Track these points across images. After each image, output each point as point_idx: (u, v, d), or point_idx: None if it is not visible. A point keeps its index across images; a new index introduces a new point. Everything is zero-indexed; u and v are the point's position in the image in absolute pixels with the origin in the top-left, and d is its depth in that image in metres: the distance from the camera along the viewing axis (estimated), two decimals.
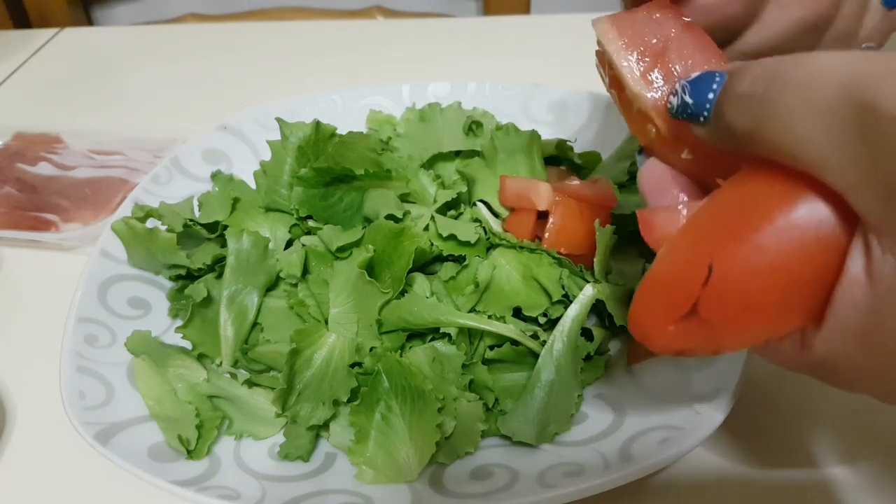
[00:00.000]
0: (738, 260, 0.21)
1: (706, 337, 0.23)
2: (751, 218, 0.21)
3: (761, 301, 0.21)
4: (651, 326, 0.24)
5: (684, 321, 0.23)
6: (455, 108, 0.54)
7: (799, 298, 0.21)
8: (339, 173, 0.43)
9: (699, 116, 0.24)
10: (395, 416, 0.35)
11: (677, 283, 0.23)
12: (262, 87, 0.75)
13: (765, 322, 0.22)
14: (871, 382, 0.22)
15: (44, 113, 0.74)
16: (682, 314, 0.22)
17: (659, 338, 0.24)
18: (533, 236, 0.43)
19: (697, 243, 0.23)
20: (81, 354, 0.38)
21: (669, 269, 0.24)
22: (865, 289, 0.20)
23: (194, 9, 1.14)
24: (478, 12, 1.13)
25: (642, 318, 0.25)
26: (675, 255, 0.24)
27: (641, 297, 0.25)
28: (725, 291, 0.22)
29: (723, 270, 0.21)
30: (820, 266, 0.21)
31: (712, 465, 0.37)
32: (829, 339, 0.21)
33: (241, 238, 0.42)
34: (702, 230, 0.24)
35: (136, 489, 0.37)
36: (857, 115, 0.18)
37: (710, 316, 0.22)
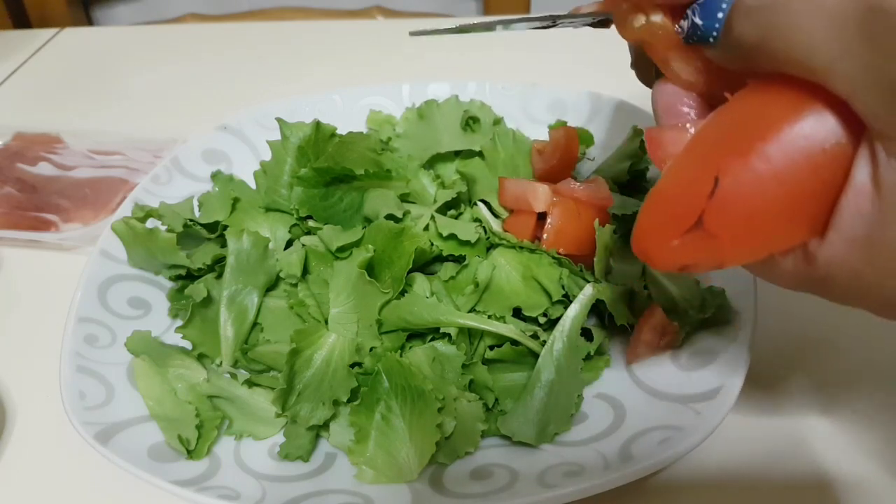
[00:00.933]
0: (744, 171, 0.21)
1: (710, 250, 0.23)
2: (757, 129, 0.21)
3: (767, 212, 0.21)
4: (655, 241, 0.24)
5: (689, 234, 0.22)
6: (452, 102, 0.54)
7: (804, 209, 0.21)
8: (340, 173, 0.43)
9: (709, 37, 0.24)
10: (395, 416, 0.35)
11: (683, 195, 0.23)
12: (262, 87, 0.75)
13: (769, 234, 0.22)
14: (869, 294, 0.22)
15: (44, 113, 0.74)
16: (687, 227, 0.22)
17: (663, 253, 0.24)
18: (533, 237, 0.43)
19: (703, 156, 0.23)
20: (81, 354, 0.38)
21: (675, 183, 0.24)
22: (871, 196, 0.20)
23: (194, 9, 1.14)
24: (478, 12, 1.13)
25: (647, 234, 0.24)
26: (681, 169, 0.24)
27: (646, 213, 0.25)
28: (731, 203, 0.22)
29: (729, 182, 0.21)
30: (826, 176, 0.21)
31: (712, 465, 0.37)
32: (833, 247, 0.21)
33: (241, 238, 0.42)
34: (708, 144, 0.24)
35: (136, 489, 0.37)
36: (865, 16, 0.18)
37: (714, 228, 0.22)
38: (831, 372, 0.41)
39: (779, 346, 0.42)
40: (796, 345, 0.43)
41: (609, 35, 0.29)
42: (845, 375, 0.41)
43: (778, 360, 0.42)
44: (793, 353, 0.42)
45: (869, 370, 0.41)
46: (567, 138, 0.47)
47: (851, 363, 0.41)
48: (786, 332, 0.43)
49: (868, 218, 0.20)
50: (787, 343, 0.43)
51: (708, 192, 0.22)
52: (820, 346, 0.42)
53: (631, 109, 0.52)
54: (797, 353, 0.42)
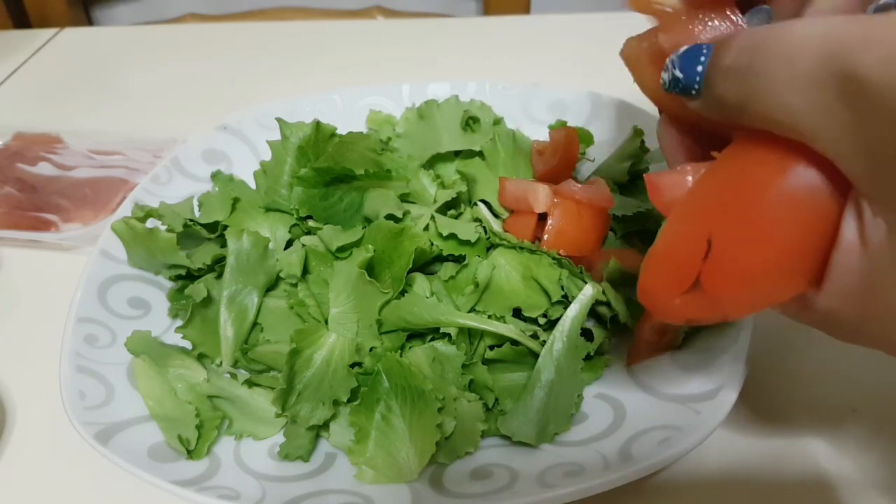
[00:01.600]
0: (734, 233, 0.22)
1: (711, 307, 0.23)
2: (745, 190, 0.22)
3: (760, 271, 0.22)
4: (659, 299, 0.25)
5: (689, 294, 0.23)
6: (452, 102, 0.54)
7: (797, 266, 0.22)
8: (340, 173, 0.43)
9: (690, 90, 0.24)
10: (395, 416, 0.35)
11: (679, 258, 0.24)
12: (262, 87, 0.75)
13: (765, 290, 0.22)
14: (871, 339, 0.22)
15: (44, 113, 0.74)
16: (686, 288, 0.23)
17: (668, 309, 0.25)
18: (533, 237, 0.43)
19: (696, 218, 0.24)
20: (81, 354, 0.38)
21: (671, 243, 0.25)
22: (859, 253, 0.20)
23: (194, 9, 1.14)
24: (478, 12, 1.13)
25: (650, 292, 0.26)
26: (676, 229, 0.25)
27: (647, 271, 0.26)
28: (724, 264, 0.22)
29: (721, 244, 0.22)
30: (816, 233, 0.21)
31: (712, 465, 0.37)
32: (829, 300, 0.22)
33: (241, 238, 0.42)
34: (700, 204, 0.24)
35: (136, 489, 0.37)
36: (840, 83, 0.18)
37: (712, 289, 0.23)
38: (831, 371, 0.41)
39: (779, 346, 0.42)
40: (796, 345, 0.43)
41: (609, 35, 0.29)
42: (845, 374, 0.41)
43: (778, 359, 0.42)
44: (792, 353, 0.42)
45: (869, 370, 0.41)
46: (567, 139, 0.47)
47: (851, 363, 0.41)
48: (785, 332, 0.43)
49: (858, 273, 0.20)
50: (787, 343, 0.43)
51: (702, 255, 0.23)
52: (819, 347, 0.42)
53: (631, 109, 0.52)
54: (797, 353, 0.42)
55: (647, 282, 0.26)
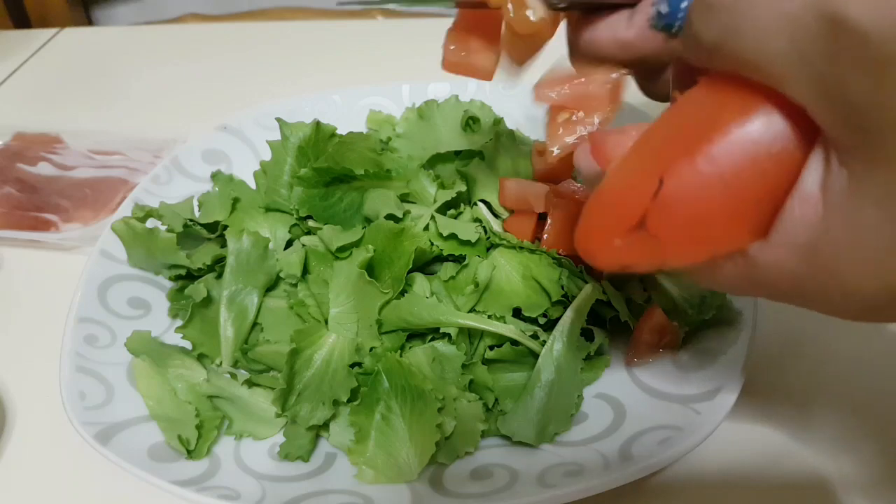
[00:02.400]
0: (689, 172, 0.21)
1: (651, 251, 0.22)
2: (704, 130, 0.21)
3: (710, 215, 0.21)
4: (597, 241, 0.24)
5: (631, 235, 0.22)
6: (452, 102, 0.54)
7: (749, 213, 0.21)
8: (340, 173, 0.43)
9: (672, 27, 0.24)
10: (395, 416, 0.35)
11: (626, 196, 0.23)
12: (262, 87, 0.75)
13: (712, 236, 0.22)
14: (813, 298, 0.22)
15: (44, 113, 0.74)
16: (629, 227, 0.22)
17: (605, 252, 0.23)
18: (533, 237, 0.43)
19: (649, 156, 0.23)
20: (81, 354, 0.38)
21: (619, 183, 0.24)
22: (816, 202, 0.20)
23: (194, 9, 1.14)
24: None
25: (589, 233, 0.24)
26: (626, 169, 0.24)
27: (589, 212, 0.24)
28: (674, 204, 0.21)
29: (673, 183, 0.21)
30: (772, 181, 0.20)
31: (712, 465, 0.37)
32: (773, 252, 0.21)
33: (241, 238, 0.42)
34: (654, 144, 0.23)
35: (136, 489, 0.37)
36: (825, 26, 0.17)
37: (656, 229, 0.22)
38: (831, 372, 0.41)
39: (778, 347, 0.42)
40: (796, 345, 0.43)
41: None
42: (845, 375, 0.41)
43: (777, 360, 0.42)
44: (792, 353, 0.42)
45: (869, 370, 0.41)
46: None
47: (851, 363, 0.41)
48: (786, 332, 0.43)
49: (811, 225, 0.20)
50: (787, 343, 0.43)
51: (652, 193, 0.21)
52: (820, 347, 0.42)
53: (631, 109, 0.52)
54: (797, 353, 0.42)
55: (587, 222, 0.24)
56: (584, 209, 0.25)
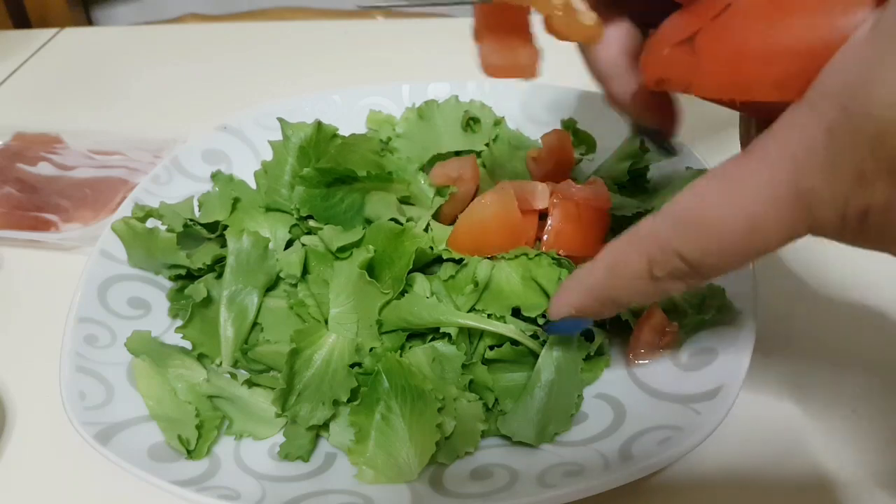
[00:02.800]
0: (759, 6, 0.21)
1: (686, 67, 0.23)
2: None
3: (755, 54, 0.21)
4: (654, 47, 0.24)
5: (677, 46, 0.23)
6: (452, 102, 0.54)
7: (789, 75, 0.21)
8: (341, 174, 0.43)
9: None
10: (395, 416, 0.35)
11: (697, 7, 0.23)
12: (262, 87, 0.75)
13: (749, 74, 0.22)
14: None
15: (44, 113, 0.74)
16: (681, 39, 0.23)
17: (651, 58, 0.24)
18: (533, 238, 0.43)
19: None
20: (81, 354, 0.38)
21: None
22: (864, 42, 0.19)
23: (194, 9, 1.14)
24: None
25: (654, 37, 0.25)
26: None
27: (667, 21, 0.25)
28: (731, 28, 0.22)
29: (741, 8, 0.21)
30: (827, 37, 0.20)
31: (712, 465, 0.37)
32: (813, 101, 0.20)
33: (241, 238, 0.42)
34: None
35: (136, 489, 0.37)
36: None
37: (702, 46, 0.22)
38: (831, 372, 0.41)
39: (778, 347, 0.42)
40: (796, 345, 0.43)
41: None
42: (845, 375, 0.41)
43: (777, 360, 0.42)
44: (792, 353, 0.42)
45: (869, 370, 0.41)
46: (560, 142, 0.48)
47: (851, 363, 0.41)
48: (785, 332, 0.43)
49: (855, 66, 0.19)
50: (787, 343, 0.43)
51: (716, 12, 0.22)
52: (819, 347, 0.42)
53: None
54: (797, 353, 0.42)
55: (661, 28, 0.25)
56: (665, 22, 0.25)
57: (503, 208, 0.41)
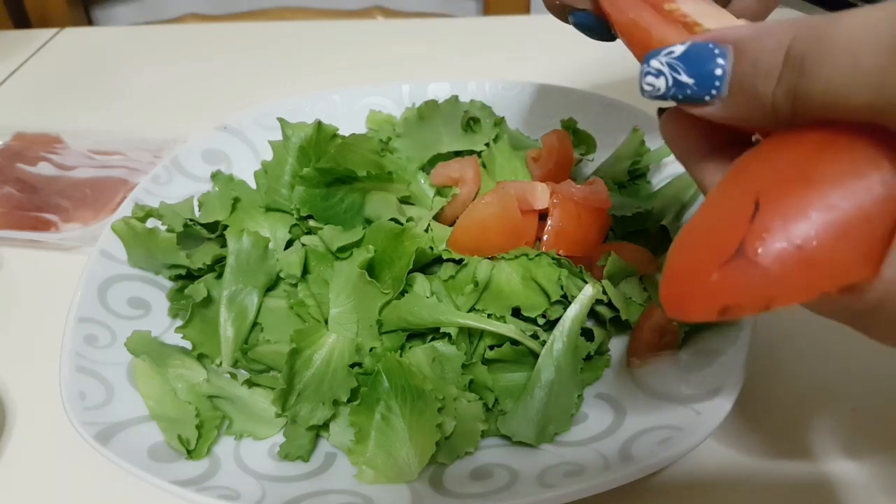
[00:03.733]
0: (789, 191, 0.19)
1: (755, 284, 0.19)
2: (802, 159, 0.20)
3: (814, 238, 0.19)
4: (691, 280, 0.20)
5: (729, 264, 0.19)
6: (452, 102, 0.54)
7: (858, 241, 0.19)
8: (342, 174, 0.43)
9: (703, 97, 0.22)
10: (395, 416, 0.35)
11: (719, 225, 0.20)
12: (262, 87, 0.75)
13: (819, 264, 0.19)
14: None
15: (44, 113, 0.74)
16: (726, 258, 0.19)
17: (701, 293, 0.20)
18: (534, 238, 0.43)
19: (743, 182, 0.21)
20: (81, 354, 0.38)
21: (711, 214, 0.21)
22: None
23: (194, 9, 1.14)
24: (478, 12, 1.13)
25: (679, 274, 0.21)
26: (718, 200, 0.22)
27: (678, 251, 0.22)
28: (774, 224, 0.19)
29: (772, 202, 0.19)
30: (882, 210, 0.19)
31: (712, 465, 0.37)
32: (885, 286, 0.19)
33: (241, 238, 0.42)
34: (747, 172, 0.21)
35: (136, 489, 0.37)
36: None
37: (755, 253, 0.19)
38: (831, 372, 0.41)
39: (779, 347, 0.42)
40: (796, 345, 0.43)
41: None
42: (845, 375, 0.41)
43: (778, 360, 0.42)
44: (793, 353, 0.42)
45: (868, 369, 0.41)
46: (560, 142, 0.48)
47: (851, 363, 0.41)
48: (786, 332, 0.43)
49: None
50: (787, 343, 0.43)
51: (749, 216, 0.19)
52: (820, 347, 0.42)
53: (631, 109, 0.52)
54: (797, 353, 0.42)
55: (676, 262, 0.21)
56: (671, 251, 0.22)
57: (503, 209, 0.41)
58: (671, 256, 0.22)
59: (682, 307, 0.21)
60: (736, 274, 0.19)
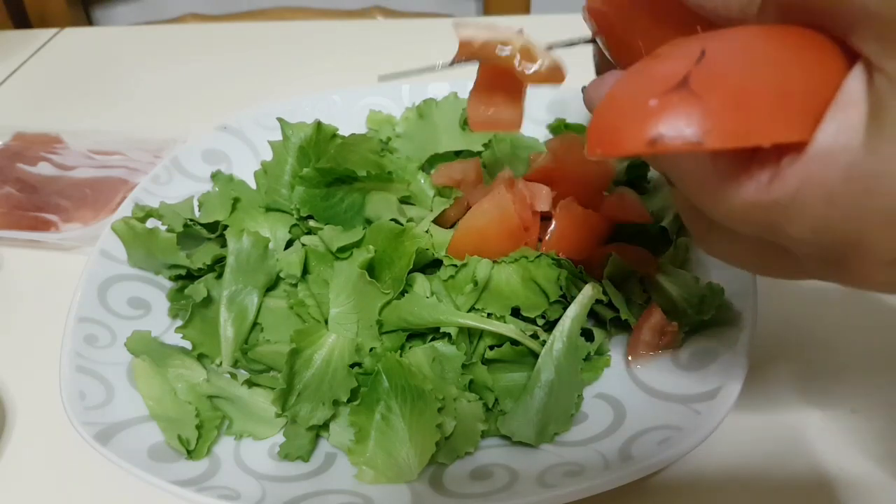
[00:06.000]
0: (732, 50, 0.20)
1: (690, 115, 0.19)
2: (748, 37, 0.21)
3: (754, 86, 0.19)
4: (629, 107, 0.20)
5: (670, 93, 0.19)
6: (451, 100, 0.54)
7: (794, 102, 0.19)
8: (342, 174, 0.43)
9: None
10: (395, 416, 0.35)
11: (662, 63, 0.21)
12: (262, 87, 0.75)
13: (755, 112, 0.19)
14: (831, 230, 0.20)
15: (44, 113, 0.74)
16: (668, 88, 0.19)
17: (636, 119, 0.19)
18: (535, 240, 0.43)
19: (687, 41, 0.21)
20: (81, 354, 0.38)
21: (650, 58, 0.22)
22: (860, 108, 0.18)
23: (194, 9, 1.14)
24: (478, 12, 1.13)
25: (617, 103, 0.21)
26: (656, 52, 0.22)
27: (617, 85, 0.22)
28: (719, 67, 0.19)
29: (716, 48, 0.20)
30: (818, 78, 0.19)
31: (712, 465, 0.37)
32: (808, 167, 0.19)
33: (241, 238, 0.42)
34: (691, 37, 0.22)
35: (136, 489, 0.37)
36: None
37: (701, 87, 0.19)
38: (831, 372, 0.41)
39: (778, 347, 0.42)
40: (796, 345, 0.43)
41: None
42: (845, 375, 0.41)
43: (777, 360, 0.42)
44: (792, 353, 0.42)
45: (868, 370, 0.41)
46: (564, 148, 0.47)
47: (851, 363, 0.41)
48: (785, 332, 0.43)
49: (853, 135, 0.18)
50: (787, 344, 0.43)
51: (695, 59, 0.20)
52: (819, 347, 0.42)
53: None
54: (797, 353, 0.42)
55: (614, 94, 0.21)
56: (610, 90, 0.21)
57: (501, 215, 0.41)
58: (607, 95, 0.21)
59: (612, 138, 0.20)
60: (675, 101, 0.19)
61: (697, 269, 0.42)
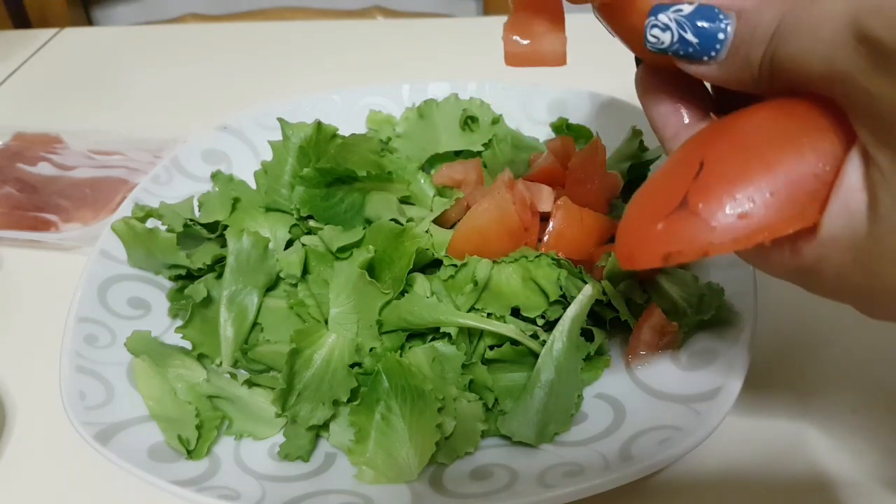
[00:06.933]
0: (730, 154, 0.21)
1: (694, 232, 0.21)
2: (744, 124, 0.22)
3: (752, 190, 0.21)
4: (640, 230, 0.23)
5: (673, 215, 0.22)
6: (451, 100, 0.54)
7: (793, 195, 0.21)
8: (342, 174, 0.43)
9: (704, 56, 0.24)
10: (394, 416, 0.35)
11: (667, 183, 0.23)
12: (262, 87, 0.75)
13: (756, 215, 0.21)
14: (856, 292, 0.22)
15: (44, 113, 0.74)
16: (671, 209, 0.22)
17: (647, 242, 0.22)
18: (535, 240, 0.43)
19: (688, 149, 0.23)
20: (81, 354, 0.38)
21: (659, 174, 0.24)
22: (860, 196, 0.20)
23: (194, 9, 1.14)
24: (478, 12, 1.13)
25: (631, 225, 0.24)
26: (665, 167, 0.24)
27: (632, 206, 0.24)
28: (715, 178, 0.21)
29: (715, 163, 0.22)
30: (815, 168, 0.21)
31: (712, 465, 0.37)
32: (820, 249, 0.21)
33: (241, 238, 0.42)
34: (693, 140, 0.24)
35: (136, 489, 0.37)
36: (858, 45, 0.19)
37: (696, 205, 0.21)
38: (831, 372, 0.41)
39: (778, 347, 0.42)
40: (796, 345, 0.43)
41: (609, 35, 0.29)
42: (845, 376, 0.41)
43: (777, 360, 0.42)
44: (792, 353, 0.42)
45: (868, 371, 0.41)
46: (564, 148, 0.48)
47: (851, 364, 0.41)
48: (785, 332, 0.43)
49: (855, 219, 0.20)
50: (787, 344, 0.43)
51: (693, 175, 0.22)
52: (819, 347, 0.42)
53: (631, 109, 0.52)
54: (797, 353, 0.42)
55: (629, 217, 0.24)
56: (628, 206, 0.24)
57: (501, 215, 0.41)
58: (625, 214, 0.24)
59: (631, 256, 0.23)
60: (678, 223, 0.22)
61: (697, 269, 0.42)
